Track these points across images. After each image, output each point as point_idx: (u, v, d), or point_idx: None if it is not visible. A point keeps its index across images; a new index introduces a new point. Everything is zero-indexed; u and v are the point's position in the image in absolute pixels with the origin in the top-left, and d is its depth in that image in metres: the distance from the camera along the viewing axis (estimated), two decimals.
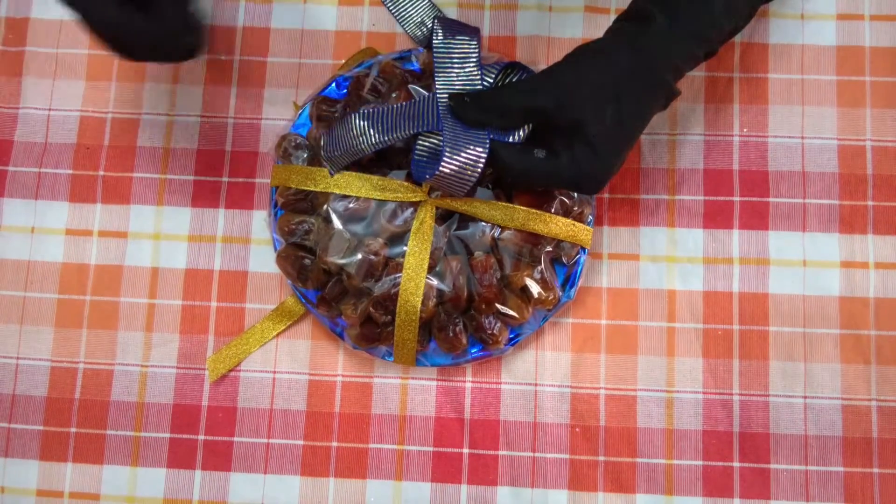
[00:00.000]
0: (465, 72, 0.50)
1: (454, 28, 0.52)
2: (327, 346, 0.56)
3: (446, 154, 0.47)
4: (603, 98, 0.45)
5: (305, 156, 0.53)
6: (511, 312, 0.51)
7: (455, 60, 0.50)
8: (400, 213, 0.52)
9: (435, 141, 0.49)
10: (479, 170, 0.47)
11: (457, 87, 0.50)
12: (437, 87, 0.50)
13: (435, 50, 0.51)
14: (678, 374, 0.55)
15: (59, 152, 0.58)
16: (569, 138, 0.46)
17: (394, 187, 0.52)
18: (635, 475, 0.54)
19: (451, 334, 0.51)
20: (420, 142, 0.50)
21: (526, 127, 0.48)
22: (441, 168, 0.47)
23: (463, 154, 0.47)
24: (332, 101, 0.54)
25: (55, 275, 0.57)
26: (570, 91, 0.45)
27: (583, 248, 0.53)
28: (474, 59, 0.50)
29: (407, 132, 0.49)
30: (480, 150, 0.47)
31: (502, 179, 0.52)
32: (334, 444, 0.55)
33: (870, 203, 0.56)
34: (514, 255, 0.52)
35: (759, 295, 0.55)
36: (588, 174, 0.46)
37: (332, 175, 0.51)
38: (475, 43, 0.51)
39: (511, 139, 0.47)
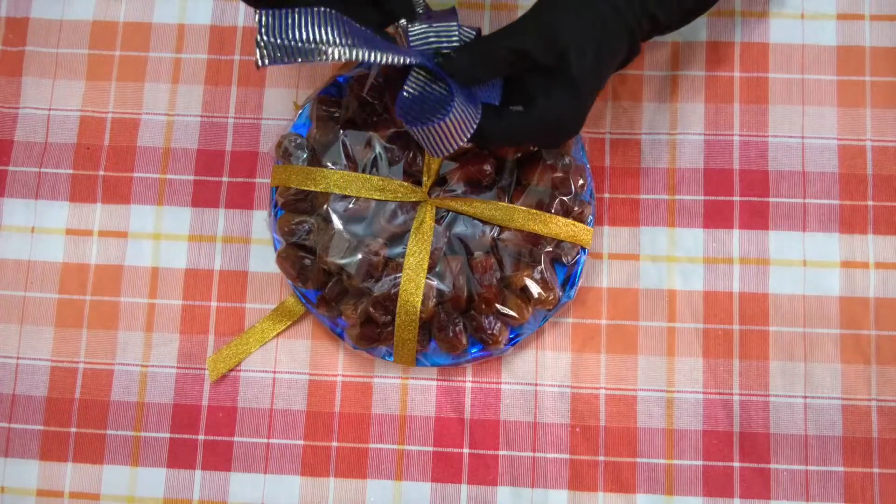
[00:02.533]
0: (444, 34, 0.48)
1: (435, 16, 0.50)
2: (327, 346, 0.56)
3: (454, 108, 0.44)
4: (585, 38, 0.46)
5: (305, 156, 0.53)
6: (511, 312, 0.51)
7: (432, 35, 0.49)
8: (400, 213, 0.52)
9: (427, 81, 0.47)
10: (467, 136, 0.46)
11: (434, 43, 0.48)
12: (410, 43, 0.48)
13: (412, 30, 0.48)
14: (678, 374, 0.55)
15: (59, 152, 0.58)
16: (548, 81, 0.46)
17: (394, 187, 0.52)
18: (635, 475, 0.54)
19: (451, 334, 0.51)
20: (414, 76, 0.46)
21: (500, 86, 0.48)
22: (440, 129, 0.44)
23: (460, 112, 0.45)
24: (332, 101, 0.54)
25: (55, 275, 0.57)
26: (556, 30, 0.46)
27: (583, 248, 0.53)
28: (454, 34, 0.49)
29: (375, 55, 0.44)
30: (475, 111, 0.46)
31: (481, 146, 0.51)
32: (334, 444, 0.55)
33: (870, 203, 0.56)
34: (514, 255, 0.52)
35: (759, 295, 0.55)
36: (566, 116, 0.47)
37: (257, 66, 0.43)
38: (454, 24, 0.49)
39: (495, 98, 0.47)
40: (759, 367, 0.55)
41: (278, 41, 0.43)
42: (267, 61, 0.42)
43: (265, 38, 0.42)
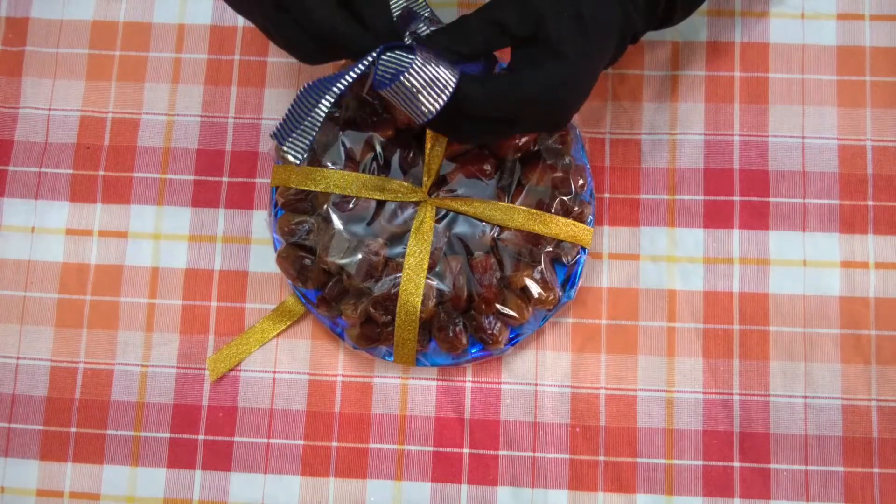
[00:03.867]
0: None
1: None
2: (327, 346, 0.56)
3: (417, 62, 0.43)
4: (561, 2, 0.44)
5: (305, 156, 0.53)
6: (511, 312, 0.51)
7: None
8: (400, 213, 0.52)
9: (404, 55, 0.45)
10: (445, 98, 0.43)
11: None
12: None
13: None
14: (678, 374, 0.55)
15: (59, 152, 0.58)
16: (533, 56, 0.44)
17: (394, 187, 0.52)
18: (635, 475, 0.54)
19: (451, 334, 0.51)
20: (387, 56, 0.45)
21: (485, 63, 0.46)
22: (406, 76, 0.43)
23: (431, 69, 0.43)
24: None
25: (55, 275, 0.57)
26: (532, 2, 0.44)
27: (583, 248, 0.53)
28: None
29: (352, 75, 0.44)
30: (450, 73, 0.43)
31: (463, 124, 0.47)
32: (334, 444, 0.55)
33: (870, 203, 0.56)
34: (514, 255, 0.52)
35: (759, 295, 0.55)
36: (555, 84, 0.44)
37: (298, 162, 0.46)
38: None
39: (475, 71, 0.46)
40: (759, 367, 0.55)
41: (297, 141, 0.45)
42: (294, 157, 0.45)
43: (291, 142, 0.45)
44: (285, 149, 0.45)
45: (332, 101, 0.44)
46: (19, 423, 0.55)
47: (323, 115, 0.44)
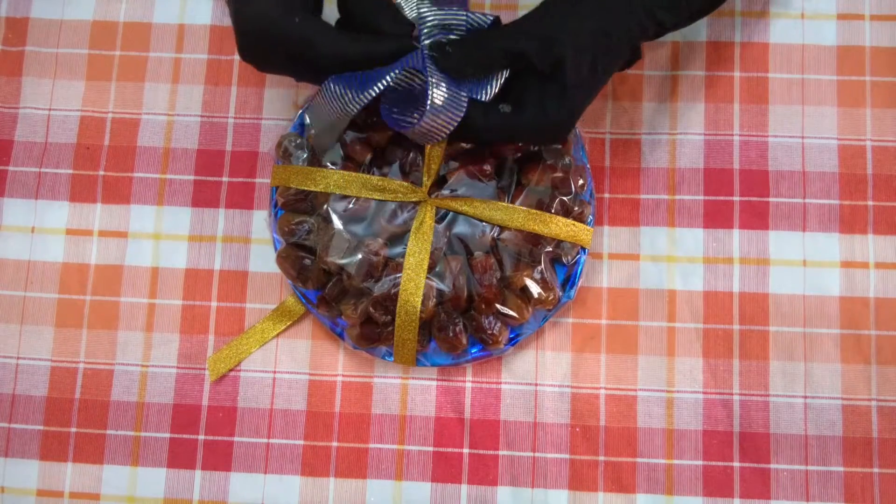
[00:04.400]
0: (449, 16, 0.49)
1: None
2: (327, 346, 0.56)
3: (429, 112, 0.46)
4: (584, 45, 0.46)
5: (305, 156, 0.53)
6: (511, 312, 0.51)
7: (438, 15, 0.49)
8: (400, 213, 0.52)
9: (409, 77, 0.48)
10: (453, 127, 0.47)
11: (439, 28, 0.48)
12: (421, 31, 0.48)
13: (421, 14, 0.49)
14: (678, 374, 0.55)
15: (59, 152, 0.58)
16: (541, 85, 0.46)
17: (393, 187, 0.52)
18: (635, 475, 0.54)
19: (451, 334, 0.51)
20: (396, 73, 0.47)
21: (500, 78, 0.48)
22: (423, 123, 0.46)
23: (443, 114, 0.46)
24: None
25: (55, 275, 0.57)
26: (555, 37, 0.46)
27: (583, 248, 0.53)
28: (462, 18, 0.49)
29: (383, 83, 0.47)
30: (458, 112, 0.47)
31: (461, 136, 0.50)
32: (334, 444, 0.55)
33: (870, 203, 0.56)
34: (514, 255, 0.52)
35: (759, 295, 0.55)
36: (554, 123, 0.47)
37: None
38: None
39: (483, 94, 0.47)
40: (759, 367, 0.55)
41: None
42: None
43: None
44: (315, 132, 0.50)
45: (373, 95, 0.46)
46: (19, 423, 0.55)
47: (353, 106, 0.47)
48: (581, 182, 0.53)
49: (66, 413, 0.55)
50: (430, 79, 0.46)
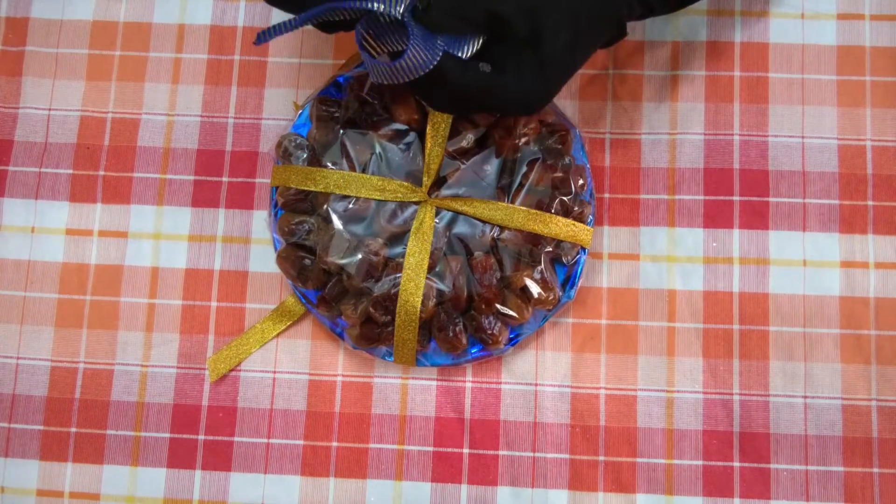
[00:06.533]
0: None
1: None
2: (327, 346, 0.56)
3: (409, 51, 0.45)
4: (564, 19, 0.45)
5: (305, 156, 0.53)
6: (511, 312, 0.51)
7: None
8: (400, 213, 0.52)
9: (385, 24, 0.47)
10: (422, 71, 0.46)
11: None
12: None
13: None
14: (678, 374, 0.55)
15: (59, 152, 0.58)
16: (519, 52, 0.46)
17: (394, 187, 0.52)
18: (635, 475, 0.54)
19: (451, 334, 0.51)
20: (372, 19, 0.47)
21: (477, 41, 0.47)
22: (400, 63, 0.45)
23: (415, 53, 0.45)
24: (332, 101, 0.54)
25: (55, 275, 0.57)
26: (537, 4, 0.45)
27: (583, 248, 0.53)
28: None
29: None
30: (432, 55, 0.45)
31: (438, 94, 0.49)
32: (334, 444, 0.55)
33: (870, 203, 0.56)
34: (514, 255, 0.52)
35: (759, 295, 0.55)
36: (529, 91, 0.47)
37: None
38: None
39: (461, 52, 0.47)
40: (759, 367, 0.55)
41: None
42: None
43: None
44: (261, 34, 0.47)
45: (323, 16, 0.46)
46: (19, 423, 0.55)
47: (308, 20, 0.46)
48: (581, 182, 0.53)
49: (66, 413, 0.55)
50: (410, 28, 0.45)
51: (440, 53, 0.46)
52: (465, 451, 0.54)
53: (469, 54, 0.47)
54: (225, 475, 0.55)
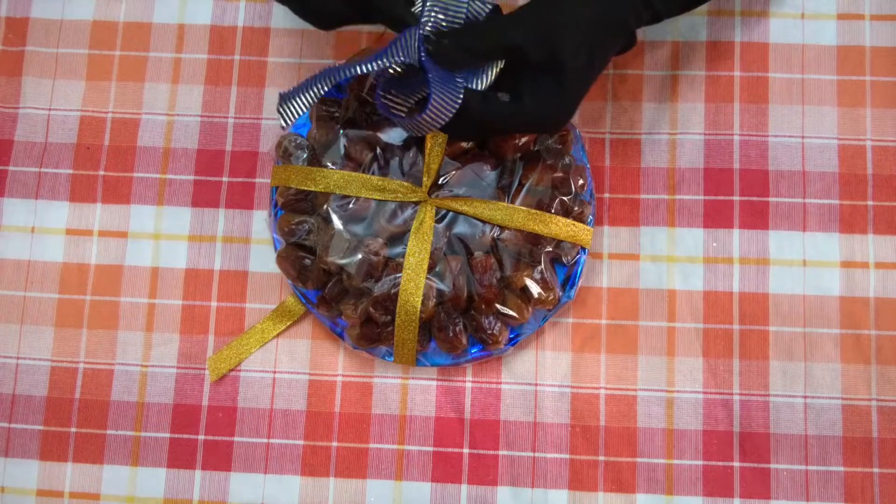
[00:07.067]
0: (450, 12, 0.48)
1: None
2: (327, 346, 0.56)
3: (432, 102, 0.46)
4: (579, 36, 0.46)
5: (305, 156, 0.53)
6: (511, 312, 0.51)
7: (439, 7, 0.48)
8: (400, 213, 0.52)
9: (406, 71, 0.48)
10: (449, 116, 0.47)
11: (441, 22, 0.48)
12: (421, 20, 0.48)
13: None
14: (678, 374, 0.55)
15: (59, 152, 0.58)
16: (538, 77, 0.46)
17: (393, 187, 0.52)
18: (635, 475, 0.54)
19: (451, 334, 0.51)
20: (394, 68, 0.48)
21: (495, 67, 0.48)
22: (425, 115, 0.46)
23: (438, 102, 0.46)
24: (332, 101, 0.54)
25: (55, 275, 0.57)
26: (551, 27, 0.46)
27: (583, 248, 0.53)
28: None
29: (388, 62, 0.47)
30: (455, 100, 0.46)
31: (461, 128, 0.49)
32: (334, 444, 0.55)
33: (870, 203, 0.56)
34: (514, 255, 0.52)
35: (759, 295, 0.55)
36: (552, 113, 0.47)
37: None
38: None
39: (479, 83, 0.47)
40: (759, 367, 0.55)
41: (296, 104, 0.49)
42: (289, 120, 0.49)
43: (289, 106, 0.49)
44: (281, 110, 0.49)
45: (346, 79, 0.47)
46: (19, 423, 0.55)
47: (326, 88, 0.48)
48: (581, 182, 0.53)
49: (66, 413, 0.55)
50: (430, 74, 0.46)
51: (462, 92, 0.47)
52: (465, 451, 0.54)
53: (487, 84, 0.48)
54: (225, 475, 0.55)
